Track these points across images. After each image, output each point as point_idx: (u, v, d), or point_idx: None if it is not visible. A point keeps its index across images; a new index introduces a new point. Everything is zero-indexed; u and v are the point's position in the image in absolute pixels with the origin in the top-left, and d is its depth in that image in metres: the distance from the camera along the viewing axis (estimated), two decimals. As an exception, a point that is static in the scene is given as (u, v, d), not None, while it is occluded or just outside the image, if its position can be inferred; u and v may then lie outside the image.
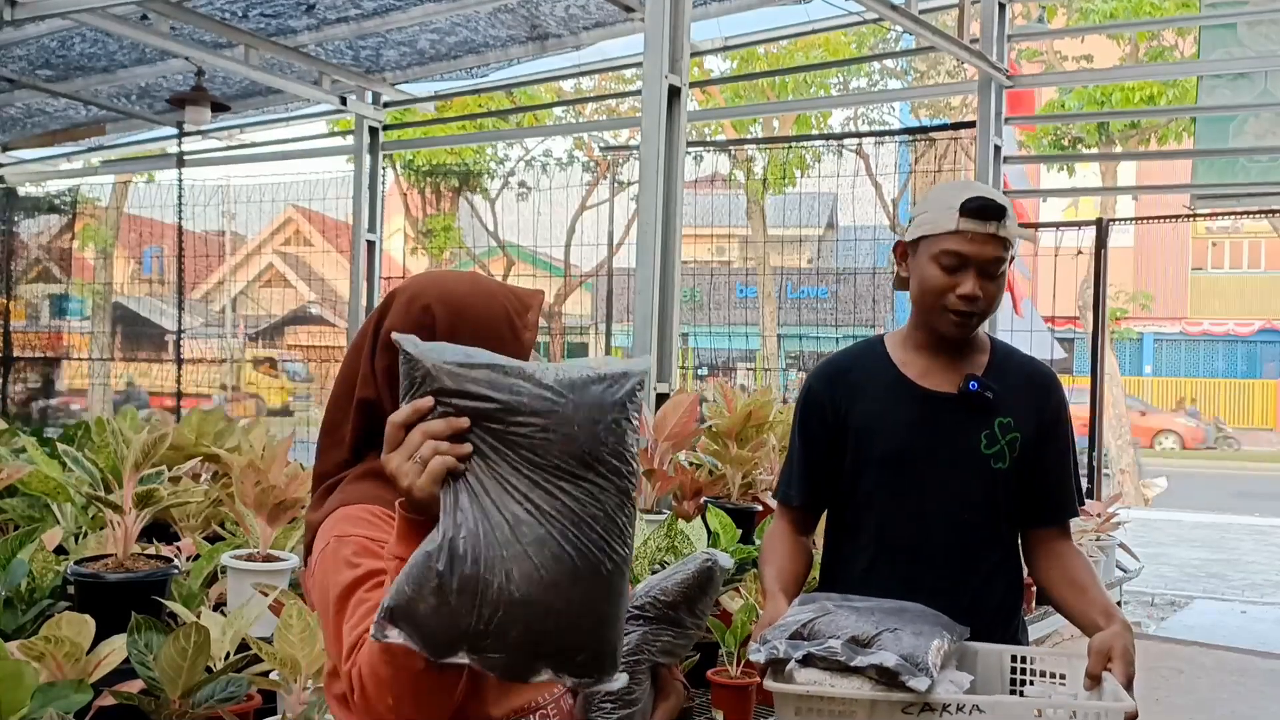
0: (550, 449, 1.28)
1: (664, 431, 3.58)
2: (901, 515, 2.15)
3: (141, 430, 2.77)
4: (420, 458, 1.27)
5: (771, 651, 1.79)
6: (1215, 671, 6.24)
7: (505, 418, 1.28)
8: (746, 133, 14.69)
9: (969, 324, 2.12)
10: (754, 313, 15.12)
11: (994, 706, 1.74)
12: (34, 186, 11.42)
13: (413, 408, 1.29)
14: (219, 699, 2.21)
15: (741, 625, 2.92)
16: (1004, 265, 2.10)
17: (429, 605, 1.23)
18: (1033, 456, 2.17)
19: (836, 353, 2.35)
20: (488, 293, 1.56)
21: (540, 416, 1.27)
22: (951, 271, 2.08)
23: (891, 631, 1.76)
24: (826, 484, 2.24)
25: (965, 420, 2.14)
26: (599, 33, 6.76)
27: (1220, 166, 7.04)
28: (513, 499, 1.27)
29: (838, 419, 2.20)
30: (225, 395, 14.10)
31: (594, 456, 1.29)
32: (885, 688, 1.71)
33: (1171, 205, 10.34)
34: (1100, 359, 7.26)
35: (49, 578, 2.77)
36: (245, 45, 6.34)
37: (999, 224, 2.06)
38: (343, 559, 1.42)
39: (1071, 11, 12.21)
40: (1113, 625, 1.95)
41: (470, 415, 1.28)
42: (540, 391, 1.28)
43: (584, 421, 1.29)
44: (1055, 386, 2.25)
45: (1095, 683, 1.87)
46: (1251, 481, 19.52)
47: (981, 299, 2.09)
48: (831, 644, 1.75)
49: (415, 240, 18.68)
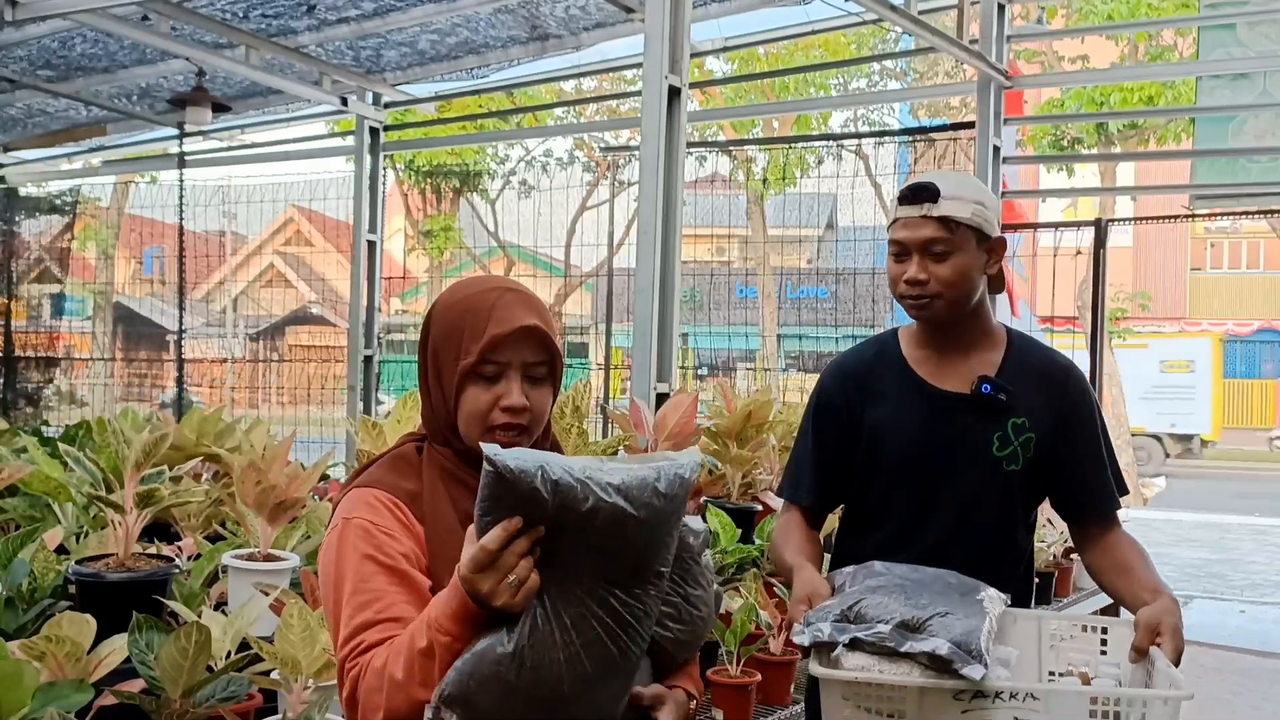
0: (615, 561, 1.33)
1: (664, 431, 3.58)
2: (913, 517, 2.14)
3: (142, 430, 2.78)
4: (516, 580, 1.30)
5: (816, 635, 1.74)
6: (1215, 671, 6.25)
7: (581, 531, 1.31)
8: (747, 133, 14.69)
9: (926, 306, 2.10)
10: (754, 313, 15.13)
11: (1048, 695, 1.67)
12: (35, 187, 11.42)
13: (506, 532, 1.30)
14: (220, 698, 2.21)
15: (741, 625, 2.92)
16: (948, 245, 2.06)
17: (489, 699, 1.30)
18: (1053, 454, 2.15)
19: (849, 351, 2.32)
20: (466, 308, 1.55)
21: (612, 530, 1.31)
22: (899, 259, 2.11)
23: (942, 617, 1.70)
24: (836, 484, 2.23)
25: (977, 422, 2.13)
26: (599, 33, 6.76)
27: (1219, 167, 7.04)
28: (575, 603, 1.32)
29: (852, 420, 2.19)
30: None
31: (649, 568, 1.36)
32: (935, 674, 1.65)
33: (1170, 205, 10.36)
34: (1099, 359, 7.27)
35: (50, 577, 2.78)
36: (246, 46, 6.35)
37: (931, 204, 2.06)
38: (348, 543, 1.49)
39: (1071, 12, 12.22)
40: (1160, 600, 1.92)
41: (548, 527, 1.31)
42: (614, 503, 1.31)
43: (647, 534, 1.34)
44: (1072, 379, 2.21)
45: (1141, 656, 1.84)
46: (1252, 482, 19.52)
47: (930, 280, 2.08)
48: (880, 628, 1.69)
49: (416, 240, 18.69)
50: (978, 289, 2.13)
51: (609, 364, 11.22)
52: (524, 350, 1.52)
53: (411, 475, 1.55)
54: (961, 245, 2.07)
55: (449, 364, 1.53)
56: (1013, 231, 7.52)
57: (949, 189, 2.07)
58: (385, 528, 1.49)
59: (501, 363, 1.51)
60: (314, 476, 3.00)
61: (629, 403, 3.78)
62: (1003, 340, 2.21)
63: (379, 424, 3.62)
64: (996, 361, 2.17)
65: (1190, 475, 19.88)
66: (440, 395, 1.55)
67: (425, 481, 1.54)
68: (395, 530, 1.50)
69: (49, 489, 3.18)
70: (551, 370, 1.56)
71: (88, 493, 2.86)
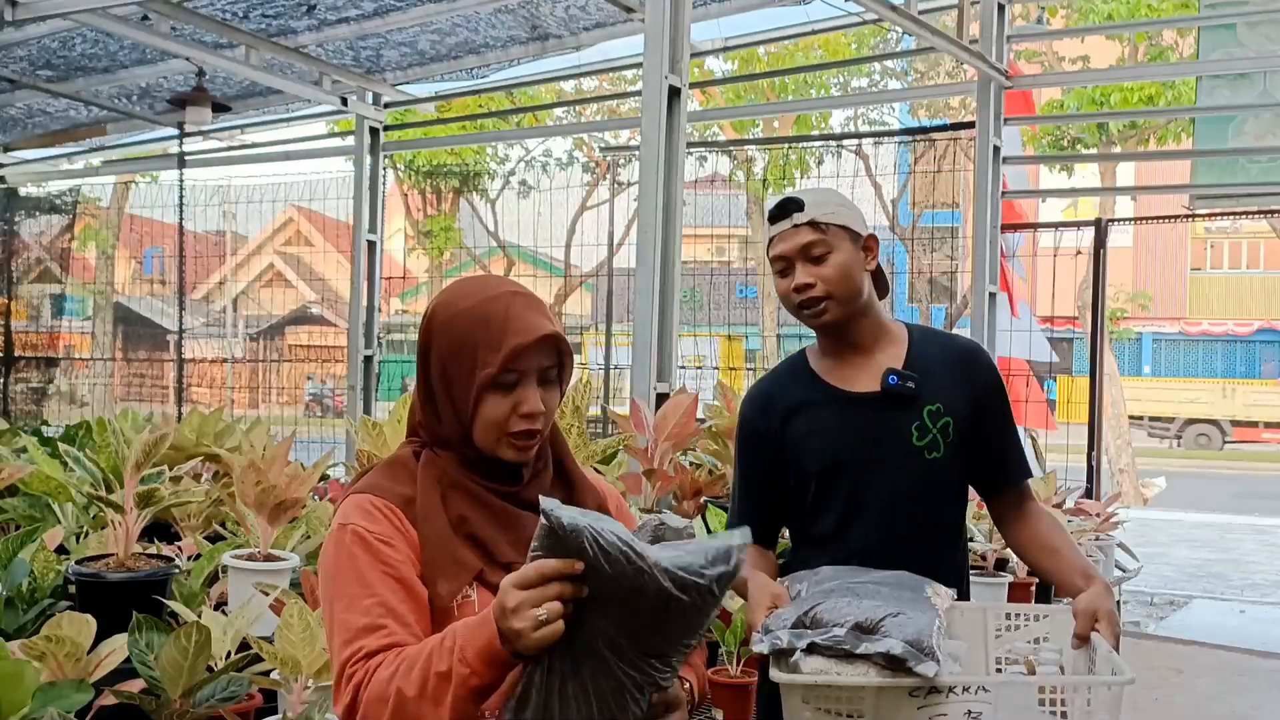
0: (650, 635, 1.33)
1: (664, 431, 3.58)
2: (846, 519, 2.18)
3: (142, 430, 2.78)
4: (545, 615, 1.29)
5: (775, 642, 1.79)
6: (1215, 671, 6.25)
7: (622, 601, 1.31)
8: (747, 133, 14.70)
9: (820, 310, 2.17)
10: (754, 313, 15.15)
11: (999, 687, 1.74)
12: (35, 187, 11.42)
13: (561, 565, 1.29)
14: (220, 698, 2.21)
15: (741, 625, 2.92)
16: (824, 246, 2.15)
17: None
18: (972, 434, 2.20)
19: (763, 377, 2.39)
20: (476, 318, 1.53)
21: (652, 608, 1.31)
22: (784, 274, 2.20)
23: (894, 617, 1.76)
24: (768, 508, 2.28)
25: (892, 416, 2.17)
26: (599, 33, 6.76)
27: (1219, 167, 7.05)
28: (604, 674, 1.32)
29: (774, 441, 2.23)
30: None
31: (681, 643, 1.37)
32: (891, 673, 1.71)
33: (1170, 205, 10.35)
34: (1099, 359, 7.27)
35: (50, 577, 2.78)
36: (246, 46, 6.35)
37: (799, 213, 2.16)
38: (346, 549, 1.50)
39: (1071, 12, 12.22)
40: (1093, 586, 1.99)
41: (593, 589, 1.30)
42: (661, 583, 1.30)
43: (688, 616, 1.34)
44: (982, 361, 2.28)
45: (1084, 643, 1.91)
46: (1251, 481, 19.53)
47: (817, 283, 2.15)
48: (836, 632, 1.75)
49: (416, 240, 18.69)
50: (863, 287, 2.20)
51: (609, 364, 11.22)
52: (541, 356, 1.53)
53: (407, 480, 1.56)
54: (836, 244, 2.16)
55: (463, 375, 1.52)
56: (1013, 231, 7.53)
57: (811, 198, 2.19)
58: (382, 534, 1.49)
59: (521, 370, 1.52)
60: (314, 476, 3.00)
61: (629, 403, 3.78)
62: (903, 335, 2.27)
63: (379, 424, 3.63)
64: (901, 355, 2.22)
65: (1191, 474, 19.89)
66: (451, 407, 1.54)
67: (419, 486, 1.54)
68: (392, 536, 1.50)
69: (49, 489, 3.19)
70: (560, 371, 1.57)
71: (88, 493, 2.87)
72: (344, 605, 1.46)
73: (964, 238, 10.86)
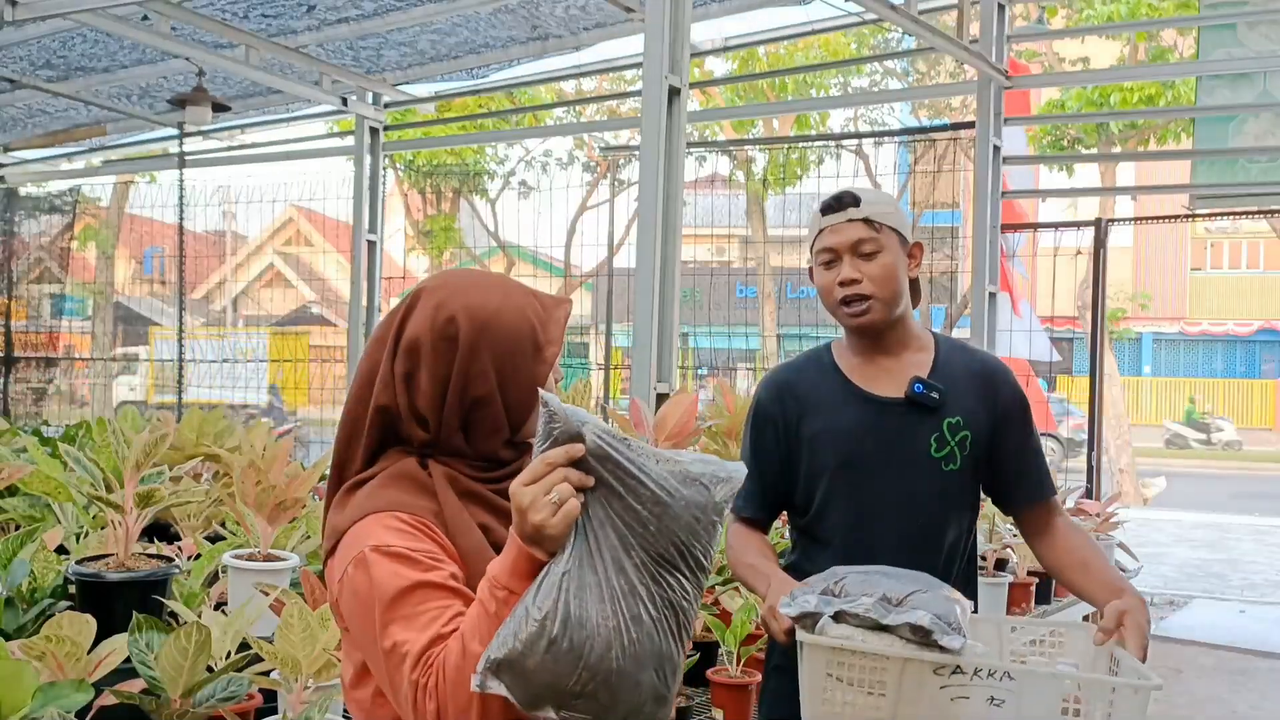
0: (656, 534, 1.33)
1: (664, 431, 3.58)
2: (858, 521, 2.17)
3: (142, 430, 2.78)
4: (558, 497, 1.28)
5: (804, 605, 1.79)
6: (1215, 671, 6.25)
7: (626, 494, 1.32)
8: (747, 133, 14.69)
9: (863, 309, 2.16)
10: (754, 313, 15.15)
11: (1023, 678, 1.72)
12: (35, 187, 11.43)
13: (568, 453, 1.30)
14: (220, 698, 2.21)
15: (741, 625, 2.92)
16: (875, 245, 2.14)
17: (536, 662, 1.27)
18: (990, 450, 2.20)
19: (783, 365, 2.37)
20: (516, 307, 1.51)
21: (656, 504, 1.32)
22: (830, 267, 2.18)
23: (923, 593, 1.76)
24: (776, 497, 2.28)
25: (913, 424, 2.17)
26: (599, 33, 6.77)
27: (1219, 167, 7.04)
28: (617, 570, 1.32)
29: (789, 432, 2.23)
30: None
31: (688, 550, 1.36)
32: (917, 646, 1.70)
33: (1170, 205, 10.34)
34: (1099, 359, 7.27)
35: (50, 577, 2.78)
36: (246, 45, 6.35)
37: (854, 208, 2.15)
38: (388, 570, 1.37)
39: (1071, 12, 12.22)
40: (1128, 596, 1.96)
41: (598, 480, 1.32)
42: (660, 479, 1.33)
43: (688, 517, 1.34)
44: (1005, 380, 2.27)
45: (1109, 637, 1.87)
46: (1251, 482, 19.52)
47: (863, 279, 2.14)
48: (864, 600, 1.75)
49: (416, 240, 18.68)
50: (904, 292, 2.20)
51: (609, 364, 11.21)
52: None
53: (425, 493, 1.47)
54: (887, 244, 2.16)
55: (521, 370, 1.50)
56: (1013, 231, 7.53)
57: (868, 196, 2.18)
58: (428, 551, 1.40)
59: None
60: (314, 476, 3.00)
61: (629, 402, 3.78)
62: (930, 344, 2.26)
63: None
64: (928, 364, 2.22)
65: (1190, 474, 19.89)
66: (500, 406, 1.50)
67: (443, 499, 1.47)
68: (438, 553, 1.41)
69: (49, 489, 3.18)
70: None
71: (88, 493, 2.87)
72: (402, 628, 1.35)
73: (964, 238, 10.85)
